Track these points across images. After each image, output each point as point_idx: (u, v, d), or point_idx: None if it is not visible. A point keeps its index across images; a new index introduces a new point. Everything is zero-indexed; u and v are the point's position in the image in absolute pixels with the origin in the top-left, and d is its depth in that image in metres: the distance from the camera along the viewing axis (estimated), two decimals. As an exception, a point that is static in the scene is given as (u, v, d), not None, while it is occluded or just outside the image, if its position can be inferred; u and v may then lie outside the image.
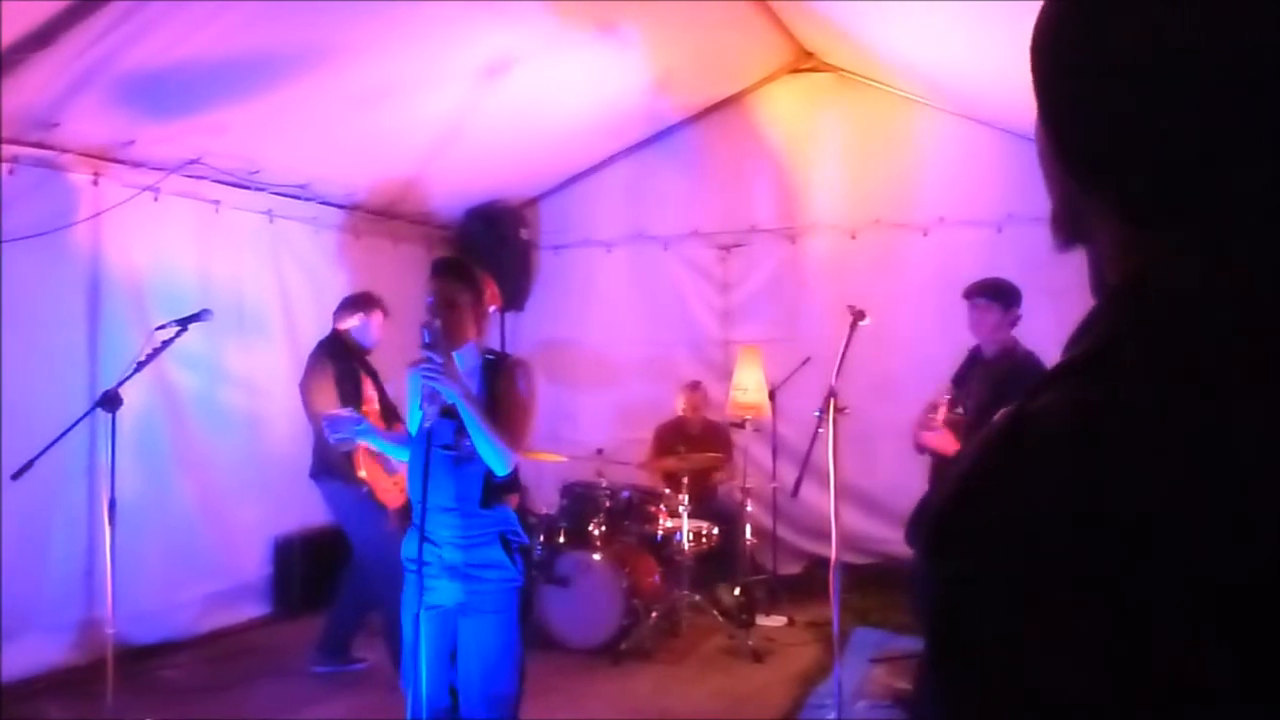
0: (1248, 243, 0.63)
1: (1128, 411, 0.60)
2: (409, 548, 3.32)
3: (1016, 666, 0.58)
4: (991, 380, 4.38)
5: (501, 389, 3.32)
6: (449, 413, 3.19)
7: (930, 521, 0.64)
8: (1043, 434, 0.61)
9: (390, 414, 5.34)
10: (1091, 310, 0.69)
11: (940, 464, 4.38)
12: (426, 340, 3.15)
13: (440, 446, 3.19)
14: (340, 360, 5.33)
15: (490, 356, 3.42)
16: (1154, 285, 0.66)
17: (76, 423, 4.31)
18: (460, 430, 3.20)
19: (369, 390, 5.36)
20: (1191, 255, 0.64)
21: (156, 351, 4.44)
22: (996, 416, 0.72)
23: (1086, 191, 0.72)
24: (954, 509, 0.64)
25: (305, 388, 5.32)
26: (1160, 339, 0.62)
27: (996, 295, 4.55)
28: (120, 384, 4.25)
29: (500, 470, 3.23)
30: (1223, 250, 0.63)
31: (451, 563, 3.27)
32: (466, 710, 3.28)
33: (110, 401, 4.17)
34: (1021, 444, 0.62)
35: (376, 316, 5.57)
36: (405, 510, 4.81)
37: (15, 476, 4.03)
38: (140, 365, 4.41)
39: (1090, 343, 0.65)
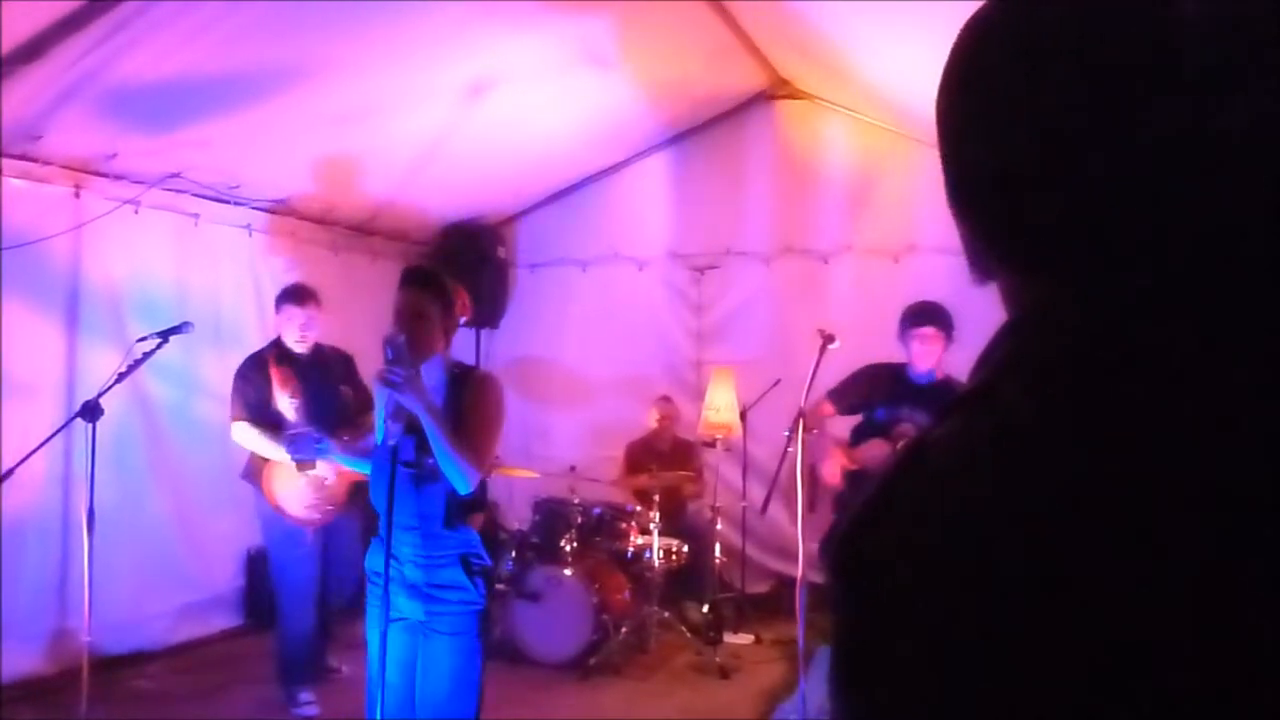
0: (1122, 282, 0.66)
1: (1010, 439, 0.63)
2: (373, 560, 3.27)
3: (897, 689, 0.63)
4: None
5: (467, 404, 3.24)
6: (413, 428, 3.13)
7: (833, 545, 0.69)
8: (935, 462, 0.66)
9: (335, 419, 5.05)
10: (989, 343, 0.73)
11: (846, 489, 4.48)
12: (389, 355, 3.07)
13: (402, 463, 3.15)
14: (254, 367, 5.17)
15: (457, 370, 3.34)
16: (1040, 320, 0.70)
17: (57, 432, 4.35)
18: (423, 447, 3.14)
19: (280, 397, 5.05)
20: (1070, 295, 0.68)
21: (137, 363, 4.47)
22: (899, 445, 0.80)
23: (978, 239, 0.77)
24: (853, 533, 0.68)
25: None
26: (1043, 370, 0.66)
27: (944, 325, 4.51)
28: (101, 394, 4.28)
29: (463, 489, 3.15)
30: (1100, 289, 0.67)
31: (412, 581, 3.23)
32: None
33: (91, 411, 4.20)
34: (917, 472, 0.67)
35: (288, 311, 5.23)
36: (370, 522, 4.80)
37: (-5, 484, 4.07)
38: (121, 376, 4.43)
39: (985, 374, 0.70)
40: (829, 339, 4.50)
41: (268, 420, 5.07)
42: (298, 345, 5.18)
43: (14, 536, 5.34)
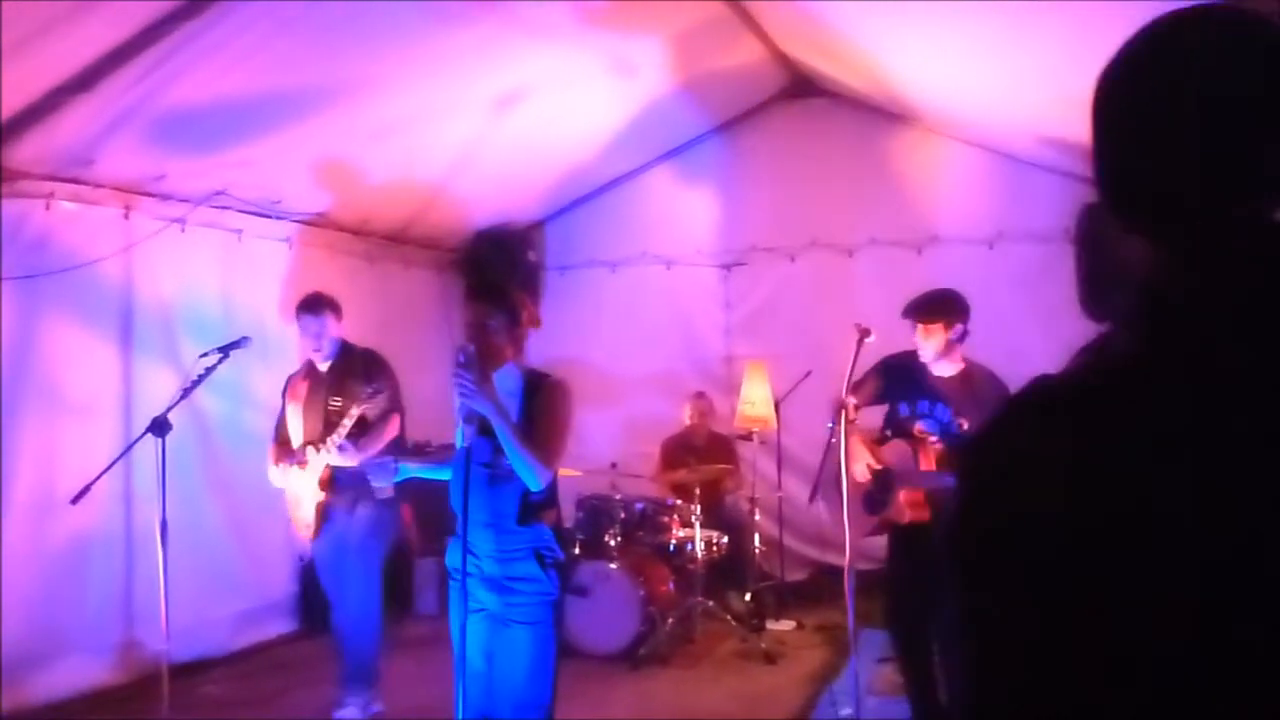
0: (1223, 259, 0.84)
1: (1110, 378, 0.81)
2: (452, 557, 3.43)
3: (1007, 582, 0.77)
4: (969, 398, 4.32)
5: (538, 408, 3.41)
6: (487, 431, 3.31)
7: (965, 450, 0.85)
8: (1054, 391, 0.83)
9: (332, 427, 4.97)
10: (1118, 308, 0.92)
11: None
12: (460, 360, 3.25)
13: (479, 464, 3.33)
14: (283, 390, 5.29)
15: (532, 376, 3.50)
16: (1153, 289, 0.86)
17: (130, 447, 4.56)
18: (497, 449, 3.32)
19: (291, 415, 5.17)
20: (1180, 268, 0.85)
21: (201, 378, 4.65)
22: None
23: (1120, 217, 0.95)
24: (969, 449, 0.84)
25: None
26: (1151, 330, 0.83)
27: (934, 315, 4.41)
28: (169, 410, 4.46)
29: (535, 486, 3.33)
30: (1204, 263, 0.84)
31: (490, 574, 3.41)
32: (500, 716, 3.40)
33: (160, 427, 4.37)
34: (1039, 397, 0.84)
35: (302, 322, 5.20)
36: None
37: (74, 501, 4.26)
38: (186, 392, 4.62)
39: (1107, 334, 0.88)
40: (865, 333, 4.47)
41: (281, 440, 5.20)
42: (316, 355, 5.20)
43: (80, 552, 5.54)
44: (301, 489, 5.07)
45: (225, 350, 4.71)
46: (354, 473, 4.89)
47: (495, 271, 7.87)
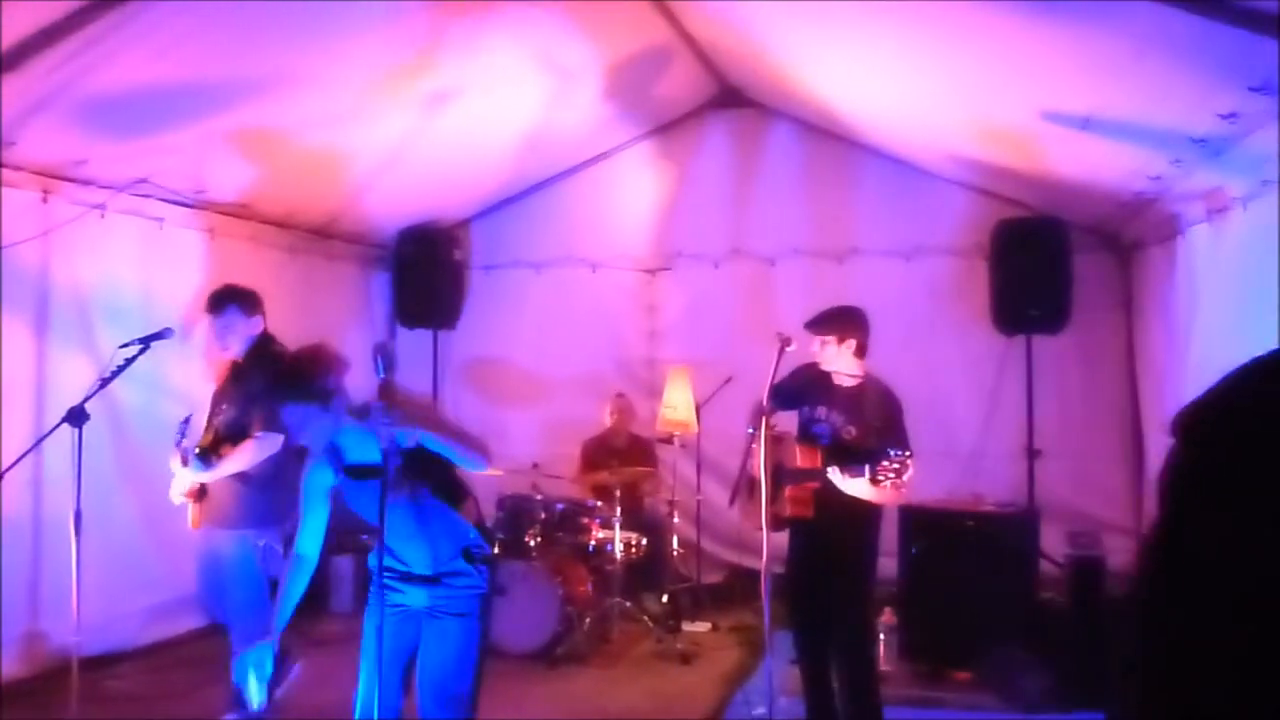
0: None
1: None
2: (375, 558, 3.33)
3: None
4: (859, 409, 4.49)
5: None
6: (363, 473, 3.32)
7: (1185, 413, 0.85)
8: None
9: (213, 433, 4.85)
10: None
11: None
12: (380, 363, 3.14)
13: (405, 499, 3.29)
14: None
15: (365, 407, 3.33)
16: None
17: (46, 436, 4.46)
18: (404, 472, 3.24)
19: (204, 417, 5.00)
20: None
21: (120, 368, 4.58)
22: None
23: None
24: (1199, 409, 0.85)
25: None
26: None
27: (829, 328, 4.55)
28: (86, 399, 4.39)
29: (482, 467, 3.36)
30: None
31: (420, 573, 3.45)
32: (423, 709, 3.42)
33: (76, 417, 4.29)
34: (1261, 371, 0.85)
35: (209, 319, 5.03)
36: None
37: (-14, 488, 4.17)
38: (105, 381, 4.55)
39: None
40: (786, 341, 4.60)
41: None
42: (224, 354, 5.00)
43: (-15, 540, 5.40)
44: (180, 485, 4.91)
45: (146, 341, 4.64)
46: (222, 493, 4.79)
47: (419, 269, 7.87)
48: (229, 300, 4.94)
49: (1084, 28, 4.43)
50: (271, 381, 3.60)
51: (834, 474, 4.30)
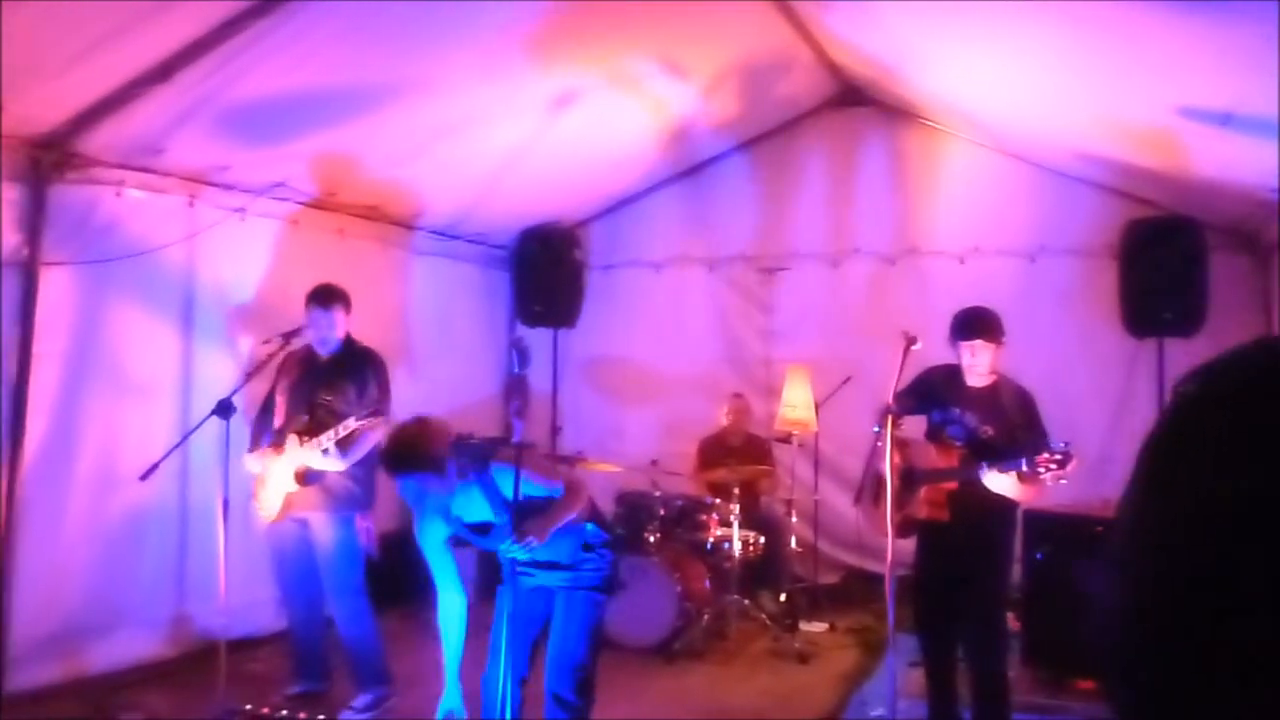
0: None
1: None
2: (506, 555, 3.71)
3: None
4: (996, 408, 4.49)
5: (508, 486, 3.60)
6: (480, 531, 3.81)
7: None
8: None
9: (319, 423, 4.94)
10: None
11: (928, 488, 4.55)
12: (516, 357, 3.66)
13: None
14: (283, 365, 5.24)
15: (467, 472, 3.69)
16: None
17: (197, 427, 4.72)
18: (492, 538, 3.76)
19: (280, 396, 5.19)
20: None
21: (263, 363, 4.82)
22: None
23: None
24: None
25: None
26: None
27: (994, 335, 4.52)
28: (233, 393, 4.63)
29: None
30: None
31: (548, 561, 3.83)
32: (548, 678, 3.79)
33: (225, 409, 4.53)
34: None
35: (310, 314, 5.16)
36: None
37: (143, 478, 4.44)
38: (249, 375, 4.81)
39: None
40: (912, 340, 4.55)
41: (265, 424, 5.24)
42: (321, 348, 5.17)
43: (137, 527, 5.72)
44: (274, 474, 5.03)
45: (286, 337, 4.89)
46: (330, 478, 4.99)
47: (541, 269, 8.02)
48: (337, 298, 5.18)
49: (1223, 21, 4.30)
50: (384, 457, 3.83)
51: (984, 470, 4.23)
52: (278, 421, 5.15)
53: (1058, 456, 4.03)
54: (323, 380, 5.08)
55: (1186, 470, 0.86)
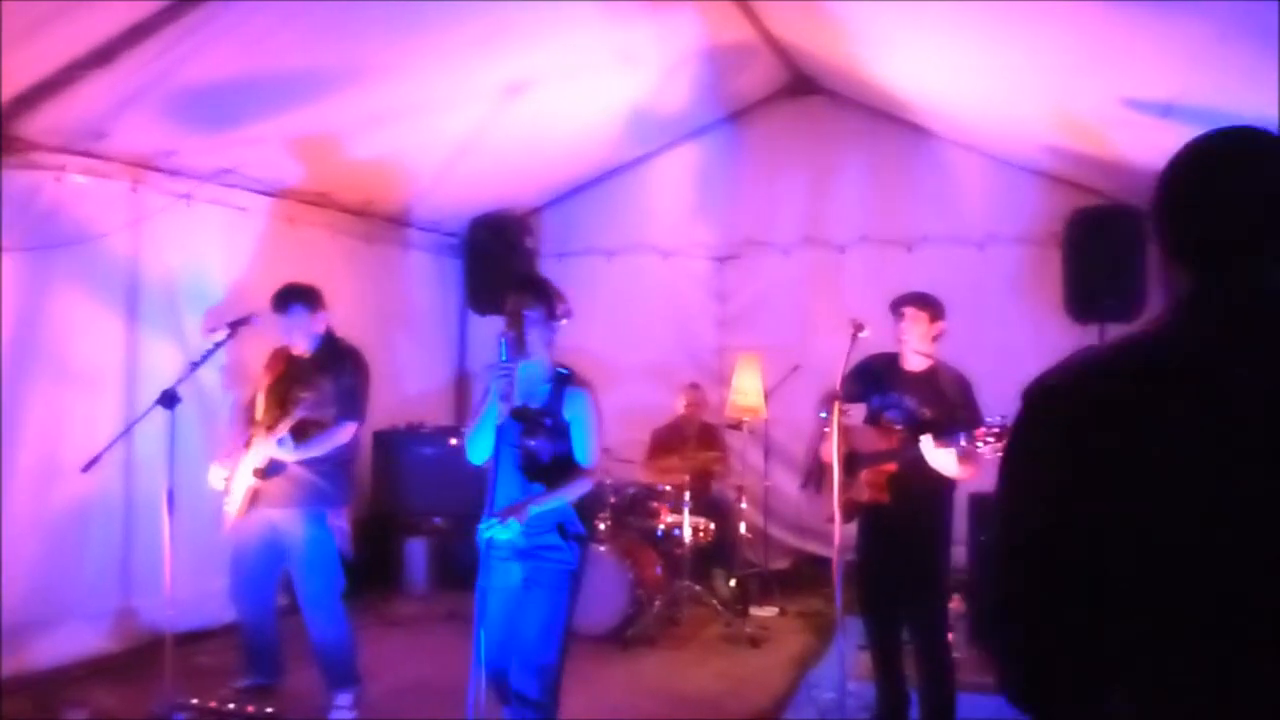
0: (1226, 279, 1.31)
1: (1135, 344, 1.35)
2: (482, 530, 3.66)
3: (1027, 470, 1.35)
4: (933, 390, 4.50)
5: (576, 415, 3.81)
6: (519, 414, 3.64)
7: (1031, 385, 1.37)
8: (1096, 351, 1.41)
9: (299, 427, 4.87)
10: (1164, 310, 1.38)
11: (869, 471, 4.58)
12: (501, 346, 3.58)
13: (510, 445, 3.66)
14: (268, 363, 5.21)
15: (561, 371, 3.86)
16: (1179, 298, 1.35)
17: (140, 418, 4.64)
18: (528, 432, 3.69)
19: (257, 410, 5.09)
20: (1204, 286, 1.33)
21: (209, 353, 4.74)
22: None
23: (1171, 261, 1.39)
24: (1039, 379, 1.38)
25: None
26: (1172, 319, 1.34)
27: (924, 305, 4.58)
28: (179, 383, 4.55)
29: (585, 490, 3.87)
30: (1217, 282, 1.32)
31: (518, 547, 3.71)
32: (515, 677, 3.68)
33: (169, 399, 4.45)
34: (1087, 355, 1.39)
35: (276, 317, 5.05)
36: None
37: (85, 469, 4.35)
38: (195, 365, 4.72)
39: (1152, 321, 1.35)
40: (860, 328, 4.61)
41: (248, 415, 5.17)
42: (294, 349, 5.09)
43: (81, 520, 5.62)
44: (240, 470, 4.99)
45: (234, 326, 4.81)
46: (297, 474, 4.91)
47: (492, 257, 7.99)
48: (293, 299, 5.02)
49: (1166, 13, 4.38)
50: (520, 284, 3.98)
51: (925, 443, 4.27)
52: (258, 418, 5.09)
53: (996, 429, 4.10)
54: (300, 378, 5.01)
55: (1019, 464, 1.38)
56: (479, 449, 3.74)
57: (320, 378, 4.98)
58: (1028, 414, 1.36)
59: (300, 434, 4.87)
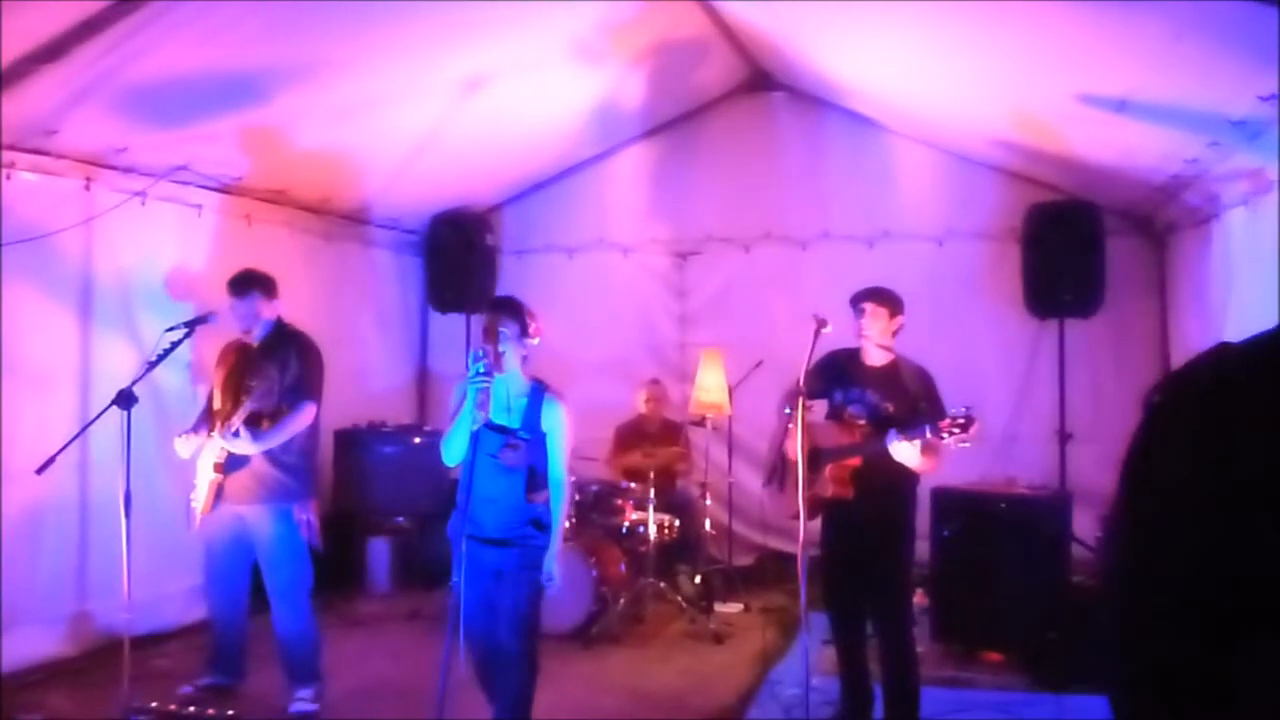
0: None
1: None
2: (454, 527, 3.92)
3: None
4: (895, 385, 4.53)
5: (550, 425, 4.07)
6: (497, 429, 3.89)
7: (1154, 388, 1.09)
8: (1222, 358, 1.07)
9: (264, 411, 4.91)
10: None
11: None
12: (477, 360, 3.76)
13: (487, 454, 3.90)
14: (220, 356, 5.21)
15: (537, 383, 4.12)
16: None
17: (95, 419, 4.56)
18: (507, 444, 3.95)
19: (215, 397, 5.13)
20: None
21: (166, 352, 4.66)
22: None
23: None
24: (1161, 384, 1.10)
25: None
26: None
27: (883, 300, 4.62)
28: (134, 383, 4.47)
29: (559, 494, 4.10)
30: None
31: (493, 538, 3.98)
32: (500, 632, 3.95)
33: (125, 399, 4.38)
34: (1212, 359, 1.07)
35: (231, 302, 5.09)
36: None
37: (39, 471, 4.27)
38: (152, 365, 4.65)
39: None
40: (823, 323, 4.58)
41: (209, 410, 5.16)
42: (246, 336, 5.10)
43: (34, 522, 5.51)
44: (201, 464, 5.01)
45: (191, 325, 4.75)
46: (260, 468, 4.91)
47: (452, 254, 7.94)
48: (252, 285, 5.08)
49: (1121, 10, 4.42)
50: (495, 304, 4.25)
51: (892, 437, 4.29)
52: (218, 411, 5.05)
53: (960, 420, 4.12)
54: (251, 367, 5.00)
55: (1161, 468, 1.07)
56: (453, 453, 3.94)
57: (268, 365, 4.99)
58: (1169, 414, 1.10)
59: (256, 424, 4.86)
